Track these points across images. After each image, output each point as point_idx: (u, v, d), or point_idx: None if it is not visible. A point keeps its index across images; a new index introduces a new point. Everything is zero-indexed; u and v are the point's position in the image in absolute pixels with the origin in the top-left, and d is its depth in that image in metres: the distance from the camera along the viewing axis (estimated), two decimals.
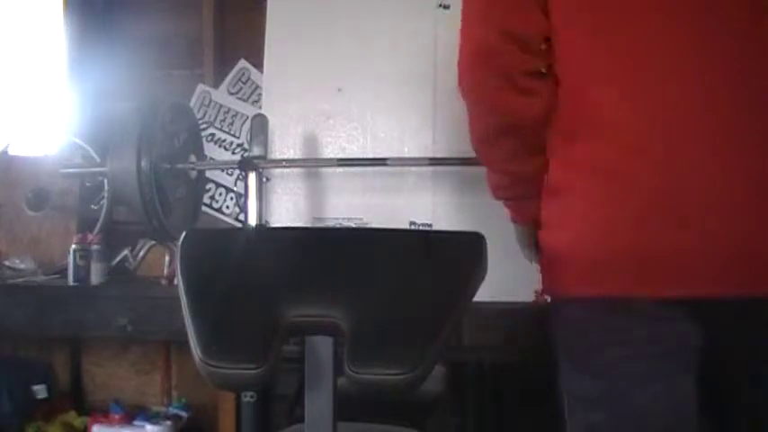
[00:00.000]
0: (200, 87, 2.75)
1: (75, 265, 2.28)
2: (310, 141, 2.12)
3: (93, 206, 2.55)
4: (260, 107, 2.24)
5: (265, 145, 1.98)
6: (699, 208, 0.96)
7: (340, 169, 2.16)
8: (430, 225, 2.07)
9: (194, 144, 2.18)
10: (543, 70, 1.08)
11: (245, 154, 2.09)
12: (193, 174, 2.13)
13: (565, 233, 1.04)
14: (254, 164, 1.91)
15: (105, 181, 2.11)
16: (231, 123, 2.70)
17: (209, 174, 2.54)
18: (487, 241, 1.06)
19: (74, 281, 2.29)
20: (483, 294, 1.08)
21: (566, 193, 1.05)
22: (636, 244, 0.98)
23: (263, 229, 1.34)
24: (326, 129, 1.83)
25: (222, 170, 2.59)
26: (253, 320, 1.00)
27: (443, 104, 2.05)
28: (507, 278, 1.80)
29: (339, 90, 1.96)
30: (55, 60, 2.87)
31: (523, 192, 1.16)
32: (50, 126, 2.81)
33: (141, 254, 2.53)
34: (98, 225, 2.48)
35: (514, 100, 1.08)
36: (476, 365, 2.09)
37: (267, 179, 2.00)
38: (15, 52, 2.86)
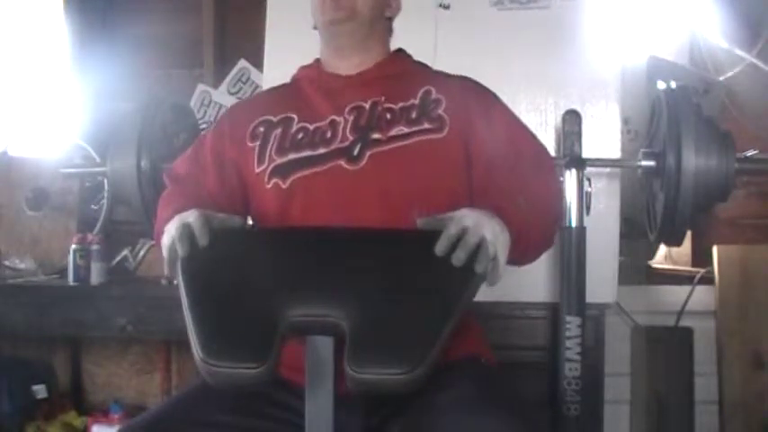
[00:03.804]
0: (200, 87, 2.75)
1: (76, 265, 2.28)
2: None
3: (93, 206, 2.55)
4: None
5: None
6: None
7: None
8: None
9: None
10: None
11: None
12: None
13: None
14: None
15: (105, 181, 2.11)
16: None
17: None
18: None
19: (74, 281, 2.29)
20: (490, 294, 1.09)
21: None
22: None
23: (262, 229, 1.34)
24: None
25: None
26: (253, 320, 1.00)
27: None
28: (514, 278, 1.80)
29: None
30: (55, 61, 2.87)
31: None
32: (51, 126, 2.81)
33: (141, 254, 2.53)
34: (98, 225, 2.48)
35: None
36: None
37: None
38: (15, 53, 2.86)
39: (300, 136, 1.31)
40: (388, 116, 1.30)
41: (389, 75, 1.37)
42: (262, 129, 1.34)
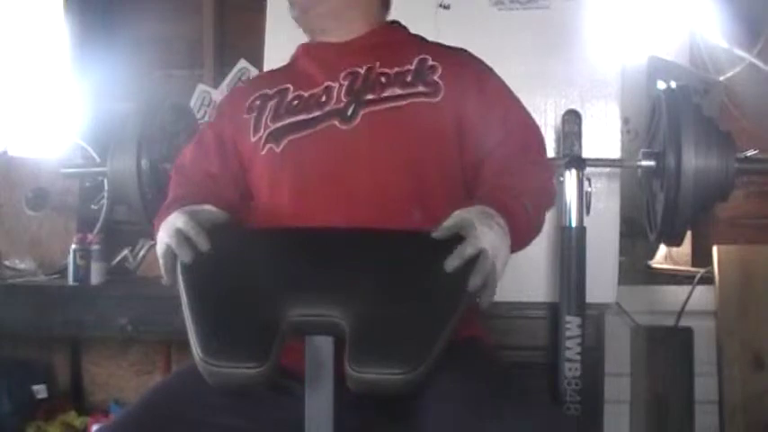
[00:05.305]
0: (200, 87, 2.75)
1: (76, 265, 2.28)
2: None
3: (93, 206, 2.55)
4: None
5: None
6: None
7: None
8: None
9: None
10: None
11: None
12: None
13: None
14: None
15: (105, 181, 2.11)
16: None
17: None
18: None
19: (74, 281, 2.29)
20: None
21: None
22: None
23: (262, 229, 1.34)
24: None
25: None
26: (253, 319, 1.00)
27: None
28: (514, 278, 1.81)
29: None
30: (55, 61, 2.87)
31: None
32: (51, 126, 2.82)
33: (141, 254, 2.53)
34: (98, 225, 2.48)
35: None
36: None
37: None
38: (16, 53, 2.86)
39: (296, 102, 1.32)
40: (383, 80, 1.30)
41: (383, 42, 1.38)
42: (258, 102, 1.35)
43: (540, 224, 1.26)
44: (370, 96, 1.28)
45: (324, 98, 1.30)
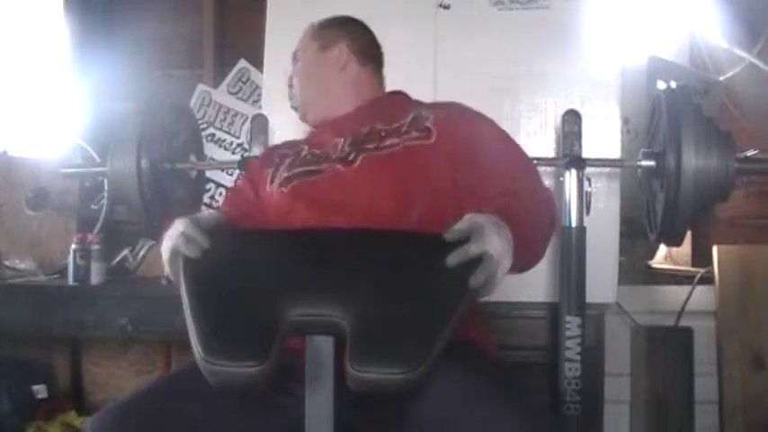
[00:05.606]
0: (200, 87, 2.75)
1: (76, 265, 2.28)
2: None
3: (93, 206, 2.55)
4: (260, 107, 2.24)
5: (265, 145, 1.98)
6: None
7: None
8: None
9: (194, 144, 2.18)
10: None
11: (245, 154, 2.10)
12: (193, 174, 2.13)
13: None
14: None
15: (105, 181, 2.11)
16: (231, 123, 2.70)
17: (209, 174, 2.54)
18: None
19: (74, 281, 2.29)
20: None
21: None
22: None
23: (263, 229, 1.35)
24: None
25: (222, 170, 2.59)
26: (254, 319, 1.00)
27: None
28: (515, 278, 1.81)
29: None
30: (55, 61, 2.87)
31: None
32: (51, 126, 2.82)
33: (141, 254, 2.53)
34: (98, 225, 2.49)
35: None
36: None
37: None
38: (16, 53, 2.86)
39: (308, 157, 1.48)
40: (383, 133, 1.43)
41: (385, 108, 1.51)
42: (277, 159, 1.53)
43: (543, 244, 1.31)
44: (369, 146, 1.42)
45: (331, 153, 1.45)
